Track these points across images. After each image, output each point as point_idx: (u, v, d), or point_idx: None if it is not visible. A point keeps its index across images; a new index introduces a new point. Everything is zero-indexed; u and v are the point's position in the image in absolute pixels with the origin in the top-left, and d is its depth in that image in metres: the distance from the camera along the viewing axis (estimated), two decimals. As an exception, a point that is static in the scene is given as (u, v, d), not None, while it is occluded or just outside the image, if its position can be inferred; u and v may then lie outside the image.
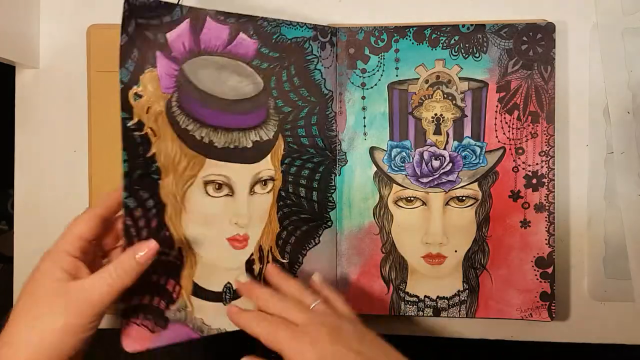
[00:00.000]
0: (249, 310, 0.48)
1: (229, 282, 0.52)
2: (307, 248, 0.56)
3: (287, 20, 0.54)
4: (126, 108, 0.47)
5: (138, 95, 0.48)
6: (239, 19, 0.51)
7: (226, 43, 0.51)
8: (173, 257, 0.50)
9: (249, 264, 0.53)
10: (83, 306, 0.40)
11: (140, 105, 0.48)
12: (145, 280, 0.46)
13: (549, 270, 0.56)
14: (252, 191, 0.53)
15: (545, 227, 0.56)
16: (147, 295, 0.49)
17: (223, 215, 0.52)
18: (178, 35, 0.49)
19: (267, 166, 0.53)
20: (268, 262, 0.54)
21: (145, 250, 0.44)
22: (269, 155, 0.53)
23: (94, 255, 0.46)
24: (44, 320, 0.39)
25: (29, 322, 0.39)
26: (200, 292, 0.51)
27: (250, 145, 0.52)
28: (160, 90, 0.49)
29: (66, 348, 0.39)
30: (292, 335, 0.43)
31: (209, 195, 0.51)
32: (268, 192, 0.54)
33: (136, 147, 0.48)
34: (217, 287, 0.52)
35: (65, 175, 0.60)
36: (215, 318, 0.52)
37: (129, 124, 0.47)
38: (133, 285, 0.44)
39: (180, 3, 0.50)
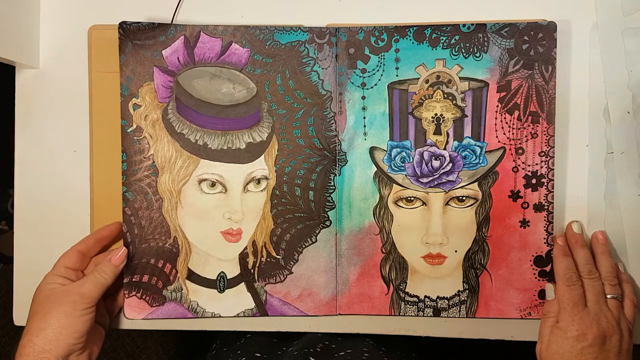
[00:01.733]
0: (569, 256, 0.55)
1: (222, 272, 0.57)
2: (303, 246, 0.56)
3: (280, 26, 0.55)
4: (126, 116, 0.55)
5: (137, 106, 0.55)
6: (231, 30, 0.55)
7: (219, 54, 0.55)
8: (169, 245, 0.56)
9: (243, 257, 0.57)
10: (76, 297, 0.51)
11: (138, 114, 0.55)
12: (145, 262, 0.56)
13: (547, 269, 0.56)
14: (245, 189, 0.56)
15: (544, 227, 0.56)
16: (147, 274, 0.56)
17: (217, 210, 0.56)
18: (173, 51, 0.55)
19: (260, 166, 0.56)
20: (262, 256, 0.56)
21: (118, 255, 0.54)
22: (262, 156, 0.56)
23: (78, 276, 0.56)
24: (52, 312, 0.50)
25: (42, 317, 0.50)
26: (195, 277, 0.57)
27: (243, 146, 0.56)
28: (157, 100, 0.55)
29: (74, 327, 0.50)
30: (571, 311, 0.52)
31: (203, 192, 0.56)
32: (262, 191, 0.56)
33: (135, 149, 0.55)
34: (211, 275, 0.57)
35: (65, 175, 0.60)
36: (210, 303, 0.57)
37: (128, 130, 0.55)
38: (135, 265, 0.56)
39: (173, 22, 0.56)
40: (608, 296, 0.53)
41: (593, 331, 0.51)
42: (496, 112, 0.55)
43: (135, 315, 0.57)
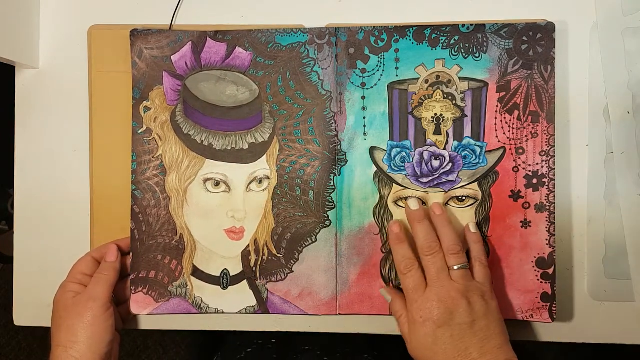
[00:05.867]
0: (404, 242, 0.54)
1: (225, 269, 0.58)
2: (304, 245, 0.58)
3: (281, 29, 0.57)
4: (137, 119, 0.58)
5: (147, 108, 0.58)
6: (236, 35, 0.57)
7: (224, 58, 0.58)
8: (175, 242, 0.58)
9: (245, 254, 0.58)
10: (91, 303, 0.54)
11: (148, 116, 0.58)
12: (152, 258, 0.58)
13: (550, 271, 0.56)
14: (248, 188, 0.58)
15: (546, 227, 0.56)
16: (153, 270, 0.58)
17: (220, 209, 0.58)
18: (182, 56, 0.58)
19: (262, 166, 0.57)
20: (263, 255, 0.58)
21: (109, 252, 0.57)
22: (264, 156, 0.58)
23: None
24: (77, 325, 0.53)
25: (68, 329, 0.53)
26: (199, 274, 0.59)
27: (246, 147, 0.57)
28: (166, 103, 0.58)
29: (101, 337, 0.53)
30: (413, 298, 0.51)
31: (208, 191, 0.58)
32: (264, 190, 0.57)
33: (144, 149, 0.58)
34: (215, 272, 0.58)
35: (65, 175, 0.61)
36: (214, 299, 0.58)
37: (138, 132, 0.58)
38: (142, 262, 0.58)
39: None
40: (455, 267, 0.52)
41: (436, 311, 0.49)
42: (496, 112, 0.55)
43: (141, 310, 0.59)
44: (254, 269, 0.58)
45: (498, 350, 0.49)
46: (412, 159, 0.57)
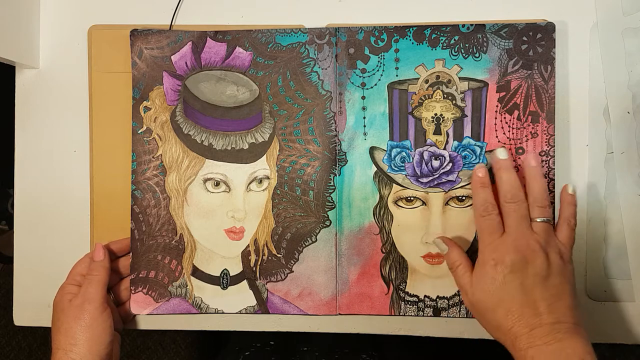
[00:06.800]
0: (487, 187, 0.52)
1: (225, 269, 0.59)
2: (304, 245, 0.58)
3: (281, 29, 0.58)
4: (137, 119, 0.58)
5: (147, 108, 0.58)
6: (236, 35, 0.58)
7: (224, 58, 0.58)
8: (175, 242, 0.59)
9: (245, 254, 0.58)
10: (87, 305, 0.54)
11: (148, 116, 0.58)
12: (152, 258, 0.59)
13: (549, 271, 0.56)
14: (248, 188, 0.58)
15: (546, 227, 0.55)
16: (153, 270, 0.59)
17: (220, 209, 0.58)
18: (182, 56, 0.58)
19: (262, 166, 0.57)
20: (263, 255, 0.58)
21: (96, 252, 0.57)
22: (264, 156, 0.58)
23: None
24: (75, 328, 0.53)
25: (67, 332, 0.53)
26: (199, 274, 0.59)
27: (246, 147, 0.58)
28: (166, 103, 0.58)
29: (100, 338, 0.53)
30: (487, 241, 0.49)
31: (208, 191, 0.58)
32: (264, 190, 0.58)
33: (144, 149, 0.58)
34: (215, 272, 0.59)
35: (65, 175, 0.61)
36: (214, 299, 0.59)
37: (138, 132, 0.58)
38: (142, 262, 0.59)
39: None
40: (538, 219, 0.50)
41: (510, 256, 0.47)
42: (496, 112, 0.56)
43: (141, 310, 0.59)
44: (254, 269, 0.58)
45: (568, 311, 0.46)
46: (412, 159, 0.57)
